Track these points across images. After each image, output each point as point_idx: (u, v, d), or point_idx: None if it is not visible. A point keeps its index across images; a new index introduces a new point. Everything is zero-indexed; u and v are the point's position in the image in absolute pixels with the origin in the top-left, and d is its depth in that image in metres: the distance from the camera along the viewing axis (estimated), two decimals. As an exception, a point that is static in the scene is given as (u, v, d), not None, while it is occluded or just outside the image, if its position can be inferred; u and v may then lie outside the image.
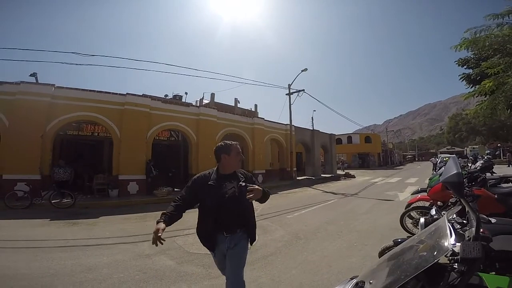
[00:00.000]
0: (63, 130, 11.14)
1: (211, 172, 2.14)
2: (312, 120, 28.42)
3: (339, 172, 25.41)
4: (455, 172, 1.29)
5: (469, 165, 12.43)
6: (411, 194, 6.34)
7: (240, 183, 2.03)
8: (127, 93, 11.42)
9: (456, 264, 1.09)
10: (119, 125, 10.99)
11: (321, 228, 5.88)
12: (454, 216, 2.01)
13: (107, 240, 5.12)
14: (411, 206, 5.00)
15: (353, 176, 22.01)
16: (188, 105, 15.00)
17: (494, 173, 9.93)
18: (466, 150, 48.16)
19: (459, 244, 1.11)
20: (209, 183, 2.05)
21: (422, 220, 2.32)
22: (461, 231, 1.81)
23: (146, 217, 7.29)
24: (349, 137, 44.97)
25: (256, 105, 26.43)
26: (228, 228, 2.05)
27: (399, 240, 2.59)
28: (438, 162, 11.46)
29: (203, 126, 13.61)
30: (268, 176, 17.62)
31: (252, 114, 22.31)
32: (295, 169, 19.25)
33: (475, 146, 46.48)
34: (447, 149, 53.44)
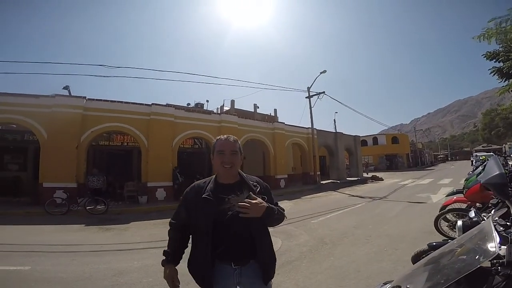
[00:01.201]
0: (95, 141, 11.86)
1: (207, 181, 1.57)
2: (335, 122, 27.77)
3: (366, 175, 24.51)
4: (497, 172, 1.22)
5: (510, 163, 11.45)
6: (446, 196, 5.97)
7: (251, 193, 1.42)
8: (153, 103, 11.94)
9: (500, 267, 1.02)
10: (146, 135, 11.49)
11: (348, 232, 5.69)
12: (496, 218, 1.88)
13: (138, 245, 5.29)
14: (447, 208, 4.75)
15: (381, 179, 21.13)
16: (210, 112, 15.34)
17: None
18: (504, 147, 44.44)
19: (505, 247, 1.05)
20: (203, 196, 1.47)
21: (459, 222, 2.14)
22: (504, 233, 1.68)
23: None
24: (375, 138, 43.32)
25: (275, 110, 26.46)
26: (235, 258, 1.45)
27: (434, 244, 2.44)
28: (474, 161, 10.68)
29: (225, 133, 13.39)
30: (290, 180, 17.44)
31: (272, 119, 22.32)
32: (318, 173, 18.87)
33: (512, 143, 42.79)
34: (482, 147, 49.88)
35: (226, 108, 22.89)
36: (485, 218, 1.92)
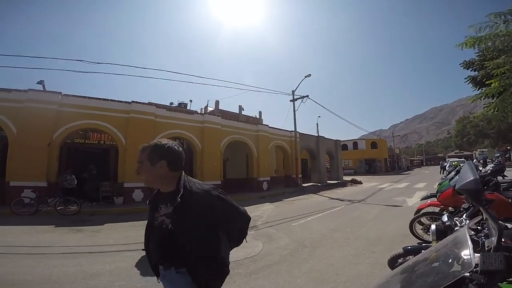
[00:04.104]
0: (70, 138, 11.29)
1: (155, 189, 1.57)
2: (317, 126, 28.30)
3: (346, 178, 25.10)
4: (472, 178, 1.21)
5: (480, 168, 12.15)
6: (421, 200, 6.18)
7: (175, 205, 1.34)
8: (132, 101, 11.56)
9: (474, 275, 1.01)
10: (125, 133, 11.09)
11: (327, 235, 5.75)
12: (468, 222, 1.92)
13: (111, 247, 5.08)
14: (421, 212, 4.87)
15: (360, 182, 21.72)
16: (193, 112, 15.08)
17: (506, 176, 9.65)
18: (475, 153, 47.25)
19: (478, 255, 1.04)
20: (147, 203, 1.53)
21: (433, 226, 2.20)
22: (475, 237, 1.72)
23: None
24: (355, 143, 44.60)
25: (260, 112, 26.54)
26: (160, 262, 1.47)
27: (409, 247, 2.49)
28: (447, 166, 11.22)
29: (207, 133, 13.66)
30: (273, 183, 17.49)
31: (256, 121, 22.35)
32: (300, 175, 19.07)
33: (484, 150, 45.58)
34: (455, 153, 52.70)
35: (210, 109, 22.63)
36: (457, 222, 1.96)
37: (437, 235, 2.06)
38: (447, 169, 9.80)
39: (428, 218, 4.62)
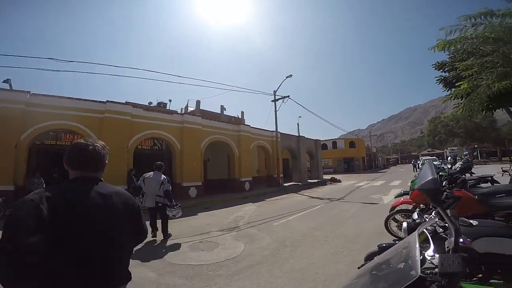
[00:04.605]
0: (39, 140, 10.63)
1: None
2: (298, 126, 28.74)
3: (326, 176, 25.69)
4: (430, 178, 1.21)
5: (449, 166, 12.87)
6: (395, 197, 6.42)
7: None
8: (107, 101, 11.10)
9: (434, 277, 1.03)
10: (99, 134, 10.61)
11: (307, 234, 5.84)
12: (437, 219, 2.01)
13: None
14: (395, 209, 5.02)
15: (339, 181, 22.32)
16: (172, 112, 14.72)
17: (473, 173, 10.22)
18: (446, 152, 50.09)
19: (438, 256, 1.05)
20: None
21: (404, 224, 2.27)
22: (443, 235, 1.79)
23: None
24: (334, 143, 45.78)
25: (242, 112, 26.55)
26: None
27: (384, 245, 2.55)
28: (420, 164, 11.77)
29: (187, 134, 13.38)
30: (255, 183, 17.52)
31: (238, 121, 22.30)
32: (282, 175, 19.27)
33: (454, 148, 48.48)
34: (427, 151, 55.50)
35: (191, 109, 22.29)
36: (427, 219, 2.04)
37: (408, 233, 2.12)
38: (419, 167, 10.30)
39: (402, 215, 4.80)
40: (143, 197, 5.94)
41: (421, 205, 4.23)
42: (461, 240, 1.16)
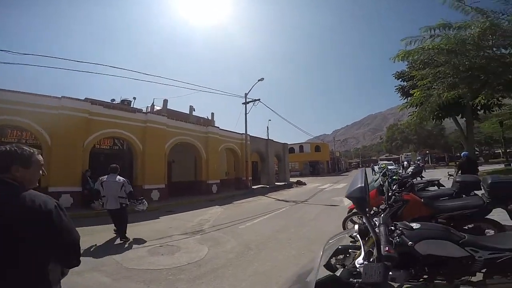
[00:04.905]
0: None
1: None
2: (268, 129, 29.09)
3: (292, 179, 26.35)
4: (358, 186, 1.20)
5: (401, 170, 13.92)
6: None
7: None
8: (62, 96, 10.21)
9: (361, 284, 1.04)
10: (50, 132, 9.72)
11: (272, 237, 5.91)
12: (398, 224, 2.06)
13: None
14: (352, 211, 5.19)
15: (304, 184, 23.01)
16: (135, 111, 13.97)
17: (423, 177, 11.13)
18: (401, 157, 54.39)
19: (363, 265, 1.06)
20: None
21: (356, 227, 2.25)
22: (390, 238, 1.91)
23: (81, 232, 6.58)
24: (301, 146, 47.30)
25: (212, 114, 26.06)
26: None
27: (340, 247, 2.67)
28: (377, 168, 12.56)
29: (150, 134, 12.77)
30: (223, 186, 17.34)
31: (208, 122, 21.93)
32: (250, 178, 19.34)
33: (408, 153, 52.86)
34: (385, 156, 59.70)
35: (157, 108, 21.40)
36: (376, 222, 2.16)
37: (360, 235, 2.15)
38: (376, 171, 11.01)
39: (359, 217, 5.06)
40: (101, 201, 6.00)
41: (374, 208, 4.42)
42: (386, 248, 1.17)
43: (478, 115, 17.51)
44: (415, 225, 2.08)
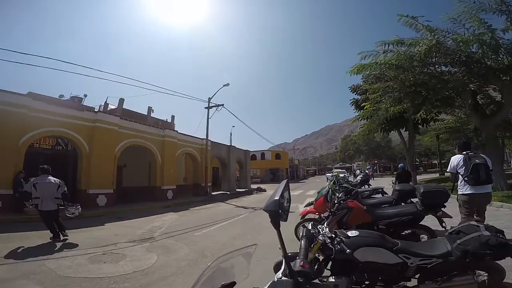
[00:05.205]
0: None
1: None
2: (231, 135, 28.95)
3: (253, 186, 26.49)
4: (273, 199, 1.14)
5: (354, 178, 14.88)
6: (304, 206, 6.84)
7: None
8: (-2, 89, 8.93)
9: None
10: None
11: (228, 244, 5.78)
12: (326, 230, 2.10)
13: None
14: (304, 218, 5.28)
15: (264, 190, 23.32)
16: (83, 109, 12.71)
17: (370, 185, 12.03)
18: (353, 165, 58.47)
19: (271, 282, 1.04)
20: None
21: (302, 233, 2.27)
22: (330, 245, 1.95)
23: (10, 238, 5.97)
24: (263, 154, 48.05)
25: (173, 116, 24.92)
26: None
27: (289, 254, 2.64)
28: (331, 176, 13.18)
29: (99, 134, 11.73)
30: (180, 192, 16.64)
31: (167, 125, 21.03)
32: (210, 184, 18.92)
33: (359, 163, 56.98)
34: (339, 165, 63.57)
35: (112, 107, 19.88)
36: (320, 230, 2.14)
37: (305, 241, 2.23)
38: (329, 178, 11.60)
39: (311, 223, 5.16)
40: (32, 202, 5.86)
41: (322, 214, 4.40)
42: (301, 263, 1.17)
43: (419, 129, 19.46)
44: (354, 233, 2.13)
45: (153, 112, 22.51)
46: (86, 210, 10.31)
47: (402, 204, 4.64)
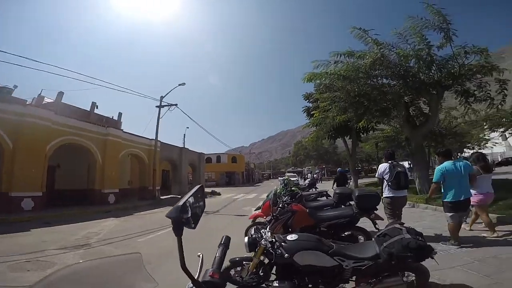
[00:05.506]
0: None
1: None
2: (184, 137, 27.92)
3: (207, 189, 25.86)
4: (176, 205, 1.05)
5: (301, 182, 15.53)
6: (254, 210, 6.86)
7: None
8: None
9: None
10: None
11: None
12: (268, 235, 2.10)
13: None
14: (255, 221, 5.24)
15: (219, 194, 22.90)
16: (7, 101, 10.95)
17: (317, 188, 12.60)
18: (304, 170, 61.48)
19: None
20: None
21: (245, 239, 2.20)
22: (271, 250, 1.96)
23: None
24: (219, 157, 47.56)
25: (120, 113, 22.83)
26: None
27: (237, 259, 2.51)
28: (283, 179, 13.55)
29: (27, 130, 10.32)
30: (124, 195, 15.37)
31: (113, 123, 19.32)
32: (158, 187, 17.88)
33: (309, 167, 60.16)
34: (292, 169, 66.15)
35: (49, 101, 17.48)
36: (263, 234, 2.13)
37: (249, 248, 2.14)
38: (282, 182, 11.96)
39: (260, 227, 5.16)
40: None
41: (266, 218, 4.39)
42: (210, 272, 1.14)
43: (361, 137, 21.21)
44: (293, 237, 2.14)
45: (97, 108, 20.48)
46: (7, 215, 8.90)
47: (342, 206, 4.83)
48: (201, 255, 1.16)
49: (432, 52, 8.97)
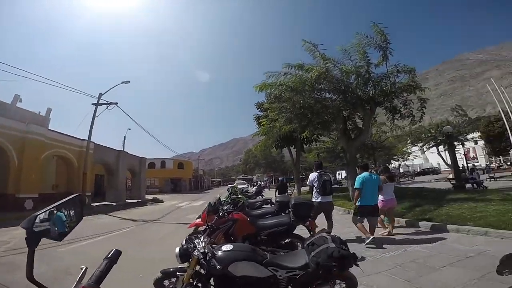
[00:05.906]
0: None
1: None
2: (124, 139, 25.81)
3: (148, 196, 24.18)
4: (32, 216, 0.93)
5: (249, 189, 15.73)
6: (196, 218, 6.67)
7: None
8: None
9: None
10: None
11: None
12: (201, 245, 2.05)
13: None
14: (195, 230, 4.96)
15: (161, 201, 21.63)
16: None
17: (263, 195, 12.92)
18: (254, 177, 62.47)
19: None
20: None
21: (176, 250, 2.08)
22: (204, 262, 1.95)
23: None
24: (163, 162, 45.12)
25: (49, 109, 19.90)
26: None
27: (171, 270, 2.40)
28: (230, 187, 13.42)
29: None
30: (46, 201, 13.27)
31: (39, 119, 16.81)
32: (90, 193, 16.06)
33: (258, 175, 61.39)
34: (242, 176, 66.64)
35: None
36: (196, 244, 2.08)
37: (181, 259, 2.07)
38: (229, 190, 11.90)
39: (185, 238, 4.86)
40: None
41: (200, 228, 4.32)
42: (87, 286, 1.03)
43: (304, 147, 22.45)
44: (228, 247, 2.12)
45: (21, 101, 17.57)
46: None
47: (282, 214, 4.86)
48: (84, 268, 1.03)
49: (370, 69, 9.58)
